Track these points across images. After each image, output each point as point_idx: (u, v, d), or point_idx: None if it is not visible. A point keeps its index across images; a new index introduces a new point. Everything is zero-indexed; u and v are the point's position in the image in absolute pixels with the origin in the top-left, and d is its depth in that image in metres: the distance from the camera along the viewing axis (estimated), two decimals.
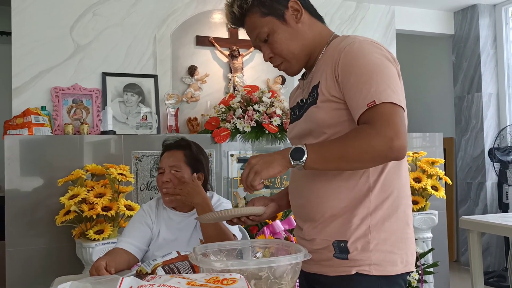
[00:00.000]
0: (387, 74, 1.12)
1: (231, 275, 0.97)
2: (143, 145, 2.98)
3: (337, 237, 1.18)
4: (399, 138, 1.04)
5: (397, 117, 1.06)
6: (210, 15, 3.66)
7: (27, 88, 3.09)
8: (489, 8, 4.55)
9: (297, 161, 1.09)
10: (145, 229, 1.74)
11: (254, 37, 1.29)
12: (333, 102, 1.17)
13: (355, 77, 1.12)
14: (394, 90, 1.10)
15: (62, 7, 3.22)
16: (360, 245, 1.16)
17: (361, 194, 1.17)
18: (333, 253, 1.18)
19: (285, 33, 1.25)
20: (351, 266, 1.16)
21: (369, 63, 1.12)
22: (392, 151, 1.05)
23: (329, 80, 1.18)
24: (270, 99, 3.32)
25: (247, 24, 1.29)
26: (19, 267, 2.63)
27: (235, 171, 3.22)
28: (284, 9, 1.25)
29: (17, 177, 2.68)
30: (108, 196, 2.52)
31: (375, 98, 1.07)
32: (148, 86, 3.40)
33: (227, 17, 1.32)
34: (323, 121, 1.19)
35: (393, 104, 1.07)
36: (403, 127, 1.06)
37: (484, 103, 4.48)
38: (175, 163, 1.76)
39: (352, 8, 4.21)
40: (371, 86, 1.09)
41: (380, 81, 1.09)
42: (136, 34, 3.41)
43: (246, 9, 1.26)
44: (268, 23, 1.25)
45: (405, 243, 1.19)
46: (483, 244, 4.08)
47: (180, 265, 1.28)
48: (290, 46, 1.26)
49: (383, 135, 1.04)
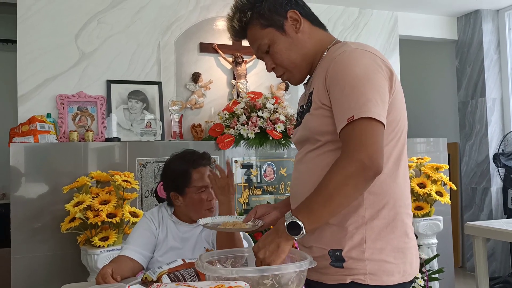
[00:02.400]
0: (371, 86, 1.11)
1: (236, 283, 0.97)
2: (148, 151, 2.98)
3: (332, 246, 1.18)
4: (370, 156, 1.05)
5: (372, 134, 1.07)
6: (214, 22, 3.68)
7: (33, 96, 3.11)
8: (492, 13, 4.55)
9: (299, 235, 1.10)
10: (149, 236, 1.74)
11: (256, 49, 1.31)
12: (325, 110, 1.18)
13: (339, 89, 1.13)
14: (375, 103, 1.09)
15: (67, 15, 3.24)
16: (355, 254, 1.15)
17: (355, 202, 1.15)
18: (329, 262, 1.18)
19: (285, 43, 1.26)
20: (346, 275, 1.16)
21: (353, 75, 1.12)
22: (367, 171, 1.06)
23: (320, 88, 1.19)
24: (274, 105, 3.33)
25: (248, 36, 1.31)
26: (24, 274, 2.64)
27: (239, 177, 3.22)
28: (283, 20, 1.25)
29: (23, 184, 2.69)
30: (113, 203, 2.52)
31: (354, 113, 1.08)
32: (152, 93, 3.42)
33: (229, 31, 1.33)
34: (315, 129, 1.20)
35: (371, 119, 1.08)
36: (376, 145, 1.07)
37: (488, 108, 4.47)
38: None
39: (355, 14, 4.22)
40: (351, 100, 1.09)
41: (361, 95, 1.09)
42: (140, 42, 3.43)
43: (246, 22, 1.27)
44: (268, 34, 1.26)
45: (403, 253, 1.18)
46: (488, 250, 4.05)
47: (185, 273, 1.29)
48: (291, 56, 1.27)
49: (354, 159, 1.06)
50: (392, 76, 1.17)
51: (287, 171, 3.35)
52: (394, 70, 1.20)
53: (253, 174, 3.27)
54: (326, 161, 1.15)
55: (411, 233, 1.23)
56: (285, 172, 3.35)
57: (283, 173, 3.34)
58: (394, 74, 1.18)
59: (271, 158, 3.32)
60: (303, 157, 1.26)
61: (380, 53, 1.20)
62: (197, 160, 1.76)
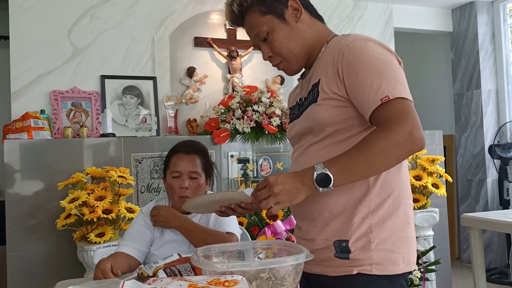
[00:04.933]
0: (395, 70, 1.13)
1: (232, 277, 0.97)
2: (143, 147, 2.97)
3: (337, 237, 1.17)
4: (418, 130, 1.06)
5: (412, 111, 1.09)
6: (208, 16, 3.66)
7: (26, 92, 3.09)
8: (487, 5, 4.55)
9: (326, 188, 1.06)
10: (146, 231, 1.73)
11: (254, 36, 1.29)
12: (334, 100, 1.17)
13: (363, 73, 1.11)
14: (403, 85, 1.11)
15: (60, 10, 3.21)
16: (362, 244, 1.15)
17: (361, 192, 1.16)
18: (334, 253, 1.18)
19: (284, 32, 1.25)
20: (352, 266, 1.15)
21: (376, 58, 1.13)
22: (415, 144, 1.06)
23: (331, 77, 1.17)
24: (269, 99, 3.32)
25: (246, 22, 1.29)
26: (20, 271, 2.63)
27: (235, 171, 3.22)
28: (284, 8, 1.25)
29: (17, 181, 2.68)
30: (109, 199, 2.52)
31: (388, 93, 1.08)
32: (147, 88, 3.40)
33: (227, 16, 1.32)
34: (323, 119, 1.18)
35: (405, 99, 1.09)
36: (418, 120, 1.08)
37: (484, 100, 4.48)
38: (195, 169, 1.72)
39: (350, 7, 4.21)
40: (382, 82, 1.09)
41: (391, 77, 1.10)
42: (134, 36, 3.41)
43: (246, 7, 1.26)
44: (267, 21, 1.25)
45: (406, 242, 1.18)
46: (484, 241, 4.07)
47: (181, 268, 1.28)
48: (290, 45, 1.25)
49: (403, 130, 1.05)
50: (401, 65, 1.20)
51: (283, 165, 3.34)
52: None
53: (250, 169, 3.26)
54: (332, 153, 1.13)
55: (412, 223, 1.23)
56: (281, 166, 3.34)
57: (279, 167, 3.34)
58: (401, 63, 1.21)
59: (267, 152, 3.31)
60: (305, 150, 1.25)
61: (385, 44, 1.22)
62: (179, 147, 1.78)
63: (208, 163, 1.79)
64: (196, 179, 1.72)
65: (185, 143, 1.81)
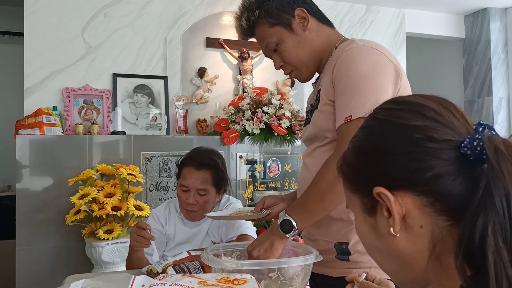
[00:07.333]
0: (374, 87, 1.10)
1: (241, 275, 0.97)
2: (153, 146, 2.99)
3: (338, 239, 1.19)
4: None
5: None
6: (220, 17, 3.68)
7: (39, 89, 3.12)
8: (500, 11, 4.52)
9: (291, 232, 1.11)
10: (159, 236, 1.74)
11: (264, 47, 1.32)
12: (331, 106, 1.18)
13: (342, 86, 1.13)
14: (375, 103, 1.07)
15: (74, 8, 3.24)
16: (361, 247, 1.15)
17: None
18: (335, 255, 1.20)
19: (293, 41, 1.26)
20: (352, 268, 1.17)
21: (357, 73, 1.12)
22: None
23: (328, 84, 1.20)
24: (279, 101, 3.32)
25: (256, 35, 1.32)
26: (28, 266, 2.65)
27: (243, 172, 3.22)
28: (291, 18, 1.26)
29: (28, 176, 2.71)
30: (118, 196, 2.53)
31: (352, 112, 1.09)
32: (158, 88, 3.42)
33: (237, 29, 1.35)
34: (322, 126, 1.21)
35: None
36: None
37: (495, 107, 4.45)
38: (203, 187, 1.66)
39: (362, 11, 4.20)
40: (352, 99, 1.10)
41: (362, 94, 1.09)
42: (147, 36, 3.43)
43: (254, 21, 1.28)
44: (276, 33, 1.27)
45: None
46: None
47: (190, 265, 1.29)
48: (299, 54, 1.27)
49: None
50: (397, 75, 1.15)
51: (292, 167, 3.34)
52: (402, 68, 1.19)
53: (258, 170, 3.27)
54: None
55: None
56: (289, 168, 3.34)
57: (287, 169, 3.34)
58: (400, 73, 1.17)
59: (275, 154, 3.32)
60: (311, 152, 1.28)
61: (388, 51, 1.20)
62: (192, 159, 1.71)
63: (220, 176, 1.71)
64: (204, 196, 1.67)
65: (199, 153, 1.74)
